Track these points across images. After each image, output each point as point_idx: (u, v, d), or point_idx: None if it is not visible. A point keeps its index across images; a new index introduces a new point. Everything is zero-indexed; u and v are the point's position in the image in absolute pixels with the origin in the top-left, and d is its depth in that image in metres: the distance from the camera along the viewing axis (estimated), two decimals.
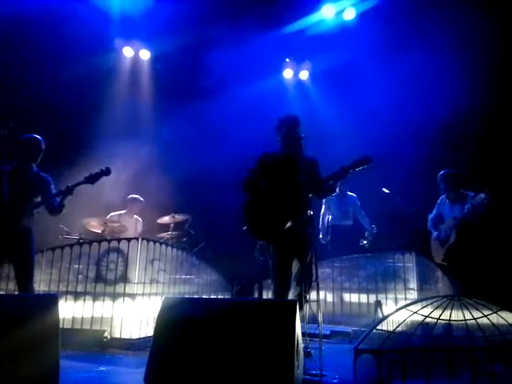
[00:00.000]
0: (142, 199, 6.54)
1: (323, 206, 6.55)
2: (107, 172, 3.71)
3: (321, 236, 6.41)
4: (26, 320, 2.30)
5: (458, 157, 6.00)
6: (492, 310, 2.38)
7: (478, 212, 4.42)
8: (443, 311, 2.42)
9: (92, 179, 3.66)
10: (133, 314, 4.23)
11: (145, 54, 7.74)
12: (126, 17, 6.88)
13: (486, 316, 2.38)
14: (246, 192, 3.60)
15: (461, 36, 6.09)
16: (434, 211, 5.06)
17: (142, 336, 4.16)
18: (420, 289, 5.15)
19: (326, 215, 6.50)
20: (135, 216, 6.56)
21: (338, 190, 5.58)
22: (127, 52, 7.61)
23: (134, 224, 6.48)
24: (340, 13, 7.17)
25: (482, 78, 5.95)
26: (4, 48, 5.98)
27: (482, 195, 4.36)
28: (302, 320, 2.93)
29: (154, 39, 7.41)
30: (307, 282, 3.33)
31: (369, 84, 7.04)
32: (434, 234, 4.97)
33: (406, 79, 6.59)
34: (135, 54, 7.70)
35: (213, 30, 6.98)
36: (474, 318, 2.38)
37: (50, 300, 2.54)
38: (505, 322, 2.36)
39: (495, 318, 2.38)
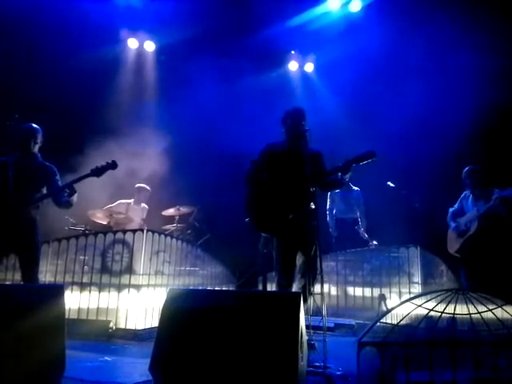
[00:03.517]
0: (148, 188, 6.57)
1: (328, 200, 6.55)
2: (113, 165, 3.65)
3: (330, 230, 6.44)
4: (33, 310, 2.32)
5: (461, 152, 5.96)
6: (497, 304, 2.37)
7: (507, 204, 4.31)
8: (447, 305, 2.41)
9: (98, 172, 3.59)
10: (138, 304, 4.26)
11: (149, 46, 7.72)
12: (131, 8, 6.86)
13: (490, 310, 2.37)
14: (249, 184, 3.58)
15: (472, 27, 5.99)
16: (456, 205, 4.99)
17: (146, 327, 4.19)
18: (424, 283, 5.14)
19: (332, 209, 6.52)
20: (142, 204, 6.58)
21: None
22: (132, 43, 7.59)
23: (140, 212, 6.51)
24: (346, 4, 7.11)
25: (491, 74, 5.88)
26: (10, 41, 5.99)
27: None
28: (306, 312, 2.94)
29: (159, 31, 7.39)
30: (311, 274, 3.32)
31: (375, 77, 6.98)
32: (453, 225, 4.90)
33: (413, 72, 6.53)
34: (140, 46, 7.68)
35: (217, 22, 6.94)
36: (479, 312, 2.37)
37: (56, 290, 2.55)
38: (509, 317, 2.35)
39: (500, 312, 2.37)
